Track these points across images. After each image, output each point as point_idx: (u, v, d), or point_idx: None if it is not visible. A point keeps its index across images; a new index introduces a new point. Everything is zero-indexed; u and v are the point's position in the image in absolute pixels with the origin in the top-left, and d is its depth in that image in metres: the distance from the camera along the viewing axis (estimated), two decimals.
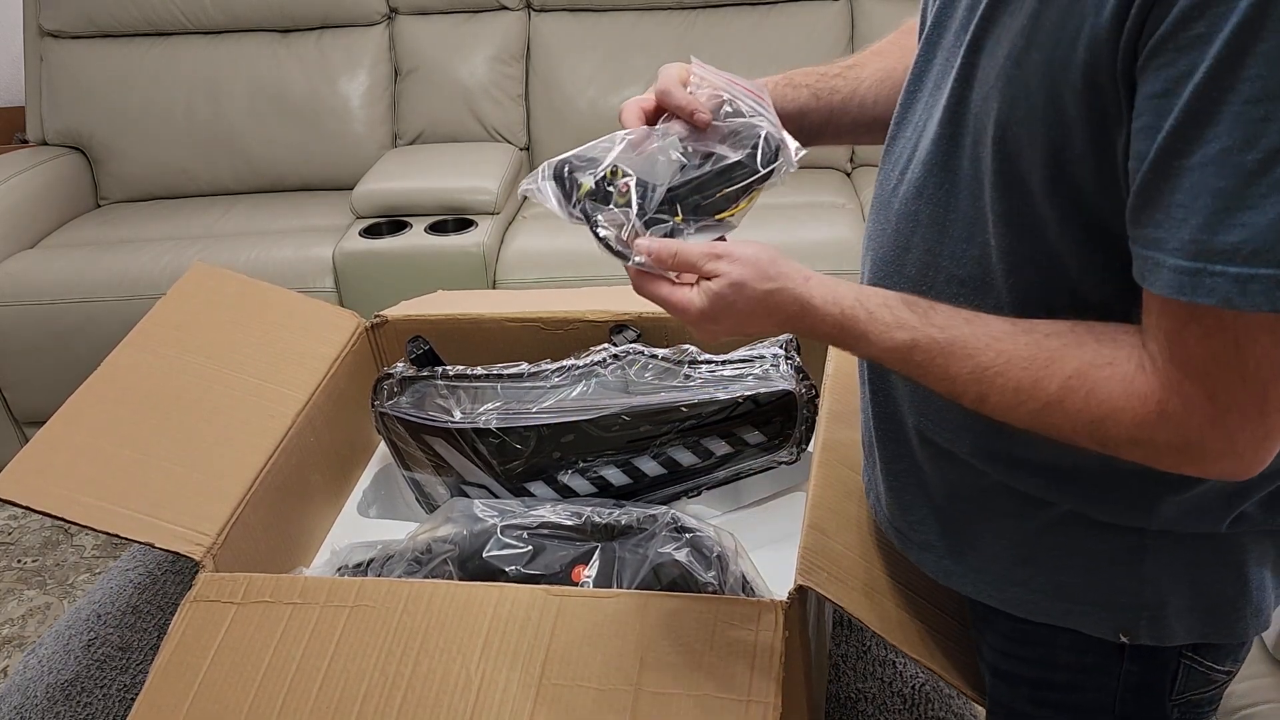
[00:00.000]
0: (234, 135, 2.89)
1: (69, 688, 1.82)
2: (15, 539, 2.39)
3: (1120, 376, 0.70)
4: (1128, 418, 0.70)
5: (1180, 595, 0.84)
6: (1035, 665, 0.92)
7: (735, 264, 0.83)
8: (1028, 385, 0.73)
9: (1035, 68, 0.69)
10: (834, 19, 2.85)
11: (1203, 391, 0.67)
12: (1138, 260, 0.67)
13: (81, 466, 1.24)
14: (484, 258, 2.42)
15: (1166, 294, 0.65)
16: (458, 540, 1.25)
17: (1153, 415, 0.69)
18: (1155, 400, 0.69)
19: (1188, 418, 0.68)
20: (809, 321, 0.82)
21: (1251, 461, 0.69)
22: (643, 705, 0.96)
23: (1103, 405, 0.71)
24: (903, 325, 0.79)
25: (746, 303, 0.82)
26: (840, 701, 1.70)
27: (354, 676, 1.03)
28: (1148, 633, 0.85)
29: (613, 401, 1.33)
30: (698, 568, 1.16)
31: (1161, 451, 0.70)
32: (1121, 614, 0.85)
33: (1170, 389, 0.68)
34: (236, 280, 1.56)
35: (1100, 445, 0.72)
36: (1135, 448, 0.71)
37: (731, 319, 0.84)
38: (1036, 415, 0.74)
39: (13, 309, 2.45)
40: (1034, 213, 0.73)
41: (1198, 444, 0.68)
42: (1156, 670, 0.88)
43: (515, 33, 2.93)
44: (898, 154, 0.87)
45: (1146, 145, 0.64)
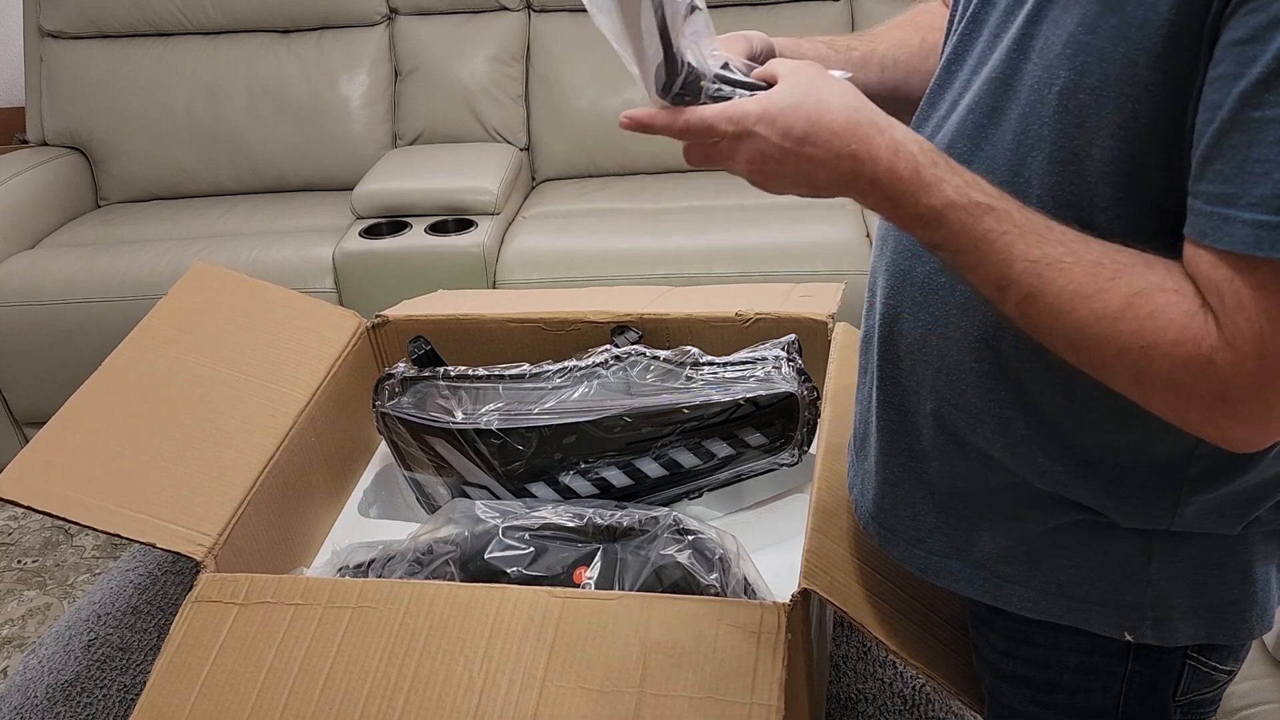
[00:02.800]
0: (234, 135, 2.88)
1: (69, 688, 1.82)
2: (15, 539, 2.39)
3: (1186, 308, 0.67)
4: (1179, 353, 0.66)
5: (1186, 596, 0.84)
6: (1039, 666, 0.92)
7: (790, 83, 0.76)
8: (1089, 290, 0.69)
9: (1111, 33, 0.67)
10: (834, 19, 2.85)
11: (1254, 352, 0.64)
12: (1200, 218, 0.65)
13: (82, 466, 1.24)
14: (484, 258, 2.42)
15: (1241, 249, 0.62)
16: (459, 541, 1.25)
17: (1201, 360, 0.66)
18: (1209, 345, 0.65)
19: (1234, 375, 0.65)
20: (878, 153, 0.73)
21: (1266, 436, 0.68)
22: (645, 707, 0.96)
23: (1158, 332, 0.67)
24: (982, 189, 0.72)
25: (809, 114, 0.73)
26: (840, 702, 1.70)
27: (356, 678, 1.03)
28: (1153, 632, 0.85)
29: (614, 403, 1.33)
30: (700, 569, 1.16)
31: (1193, 402, 0.67)
32: (1127, 613, 0.85)
33: (1226, 341, 0.65)
34: (237, 280, 1.56)
35: (1135, 379, 0.69)
36: (1169, 391, 0.68)
37: (783, 134, 0.74)
38: (1085, 328, 0.69)
39: (13, 309, 2.44)
40: (1086, 189, 0.72)
41: (1232, 405, 0.66)
42: (1161, 670, 0.88)
43: (515, 33, 2.93)
44: (930, 132, 0.85)
45: (1222, 95, 0.62)
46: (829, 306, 1.50)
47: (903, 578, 1.11)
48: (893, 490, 0.96)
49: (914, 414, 0.91)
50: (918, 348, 0.87)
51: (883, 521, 0.98)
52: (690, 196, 2.71)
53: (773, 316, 1.47)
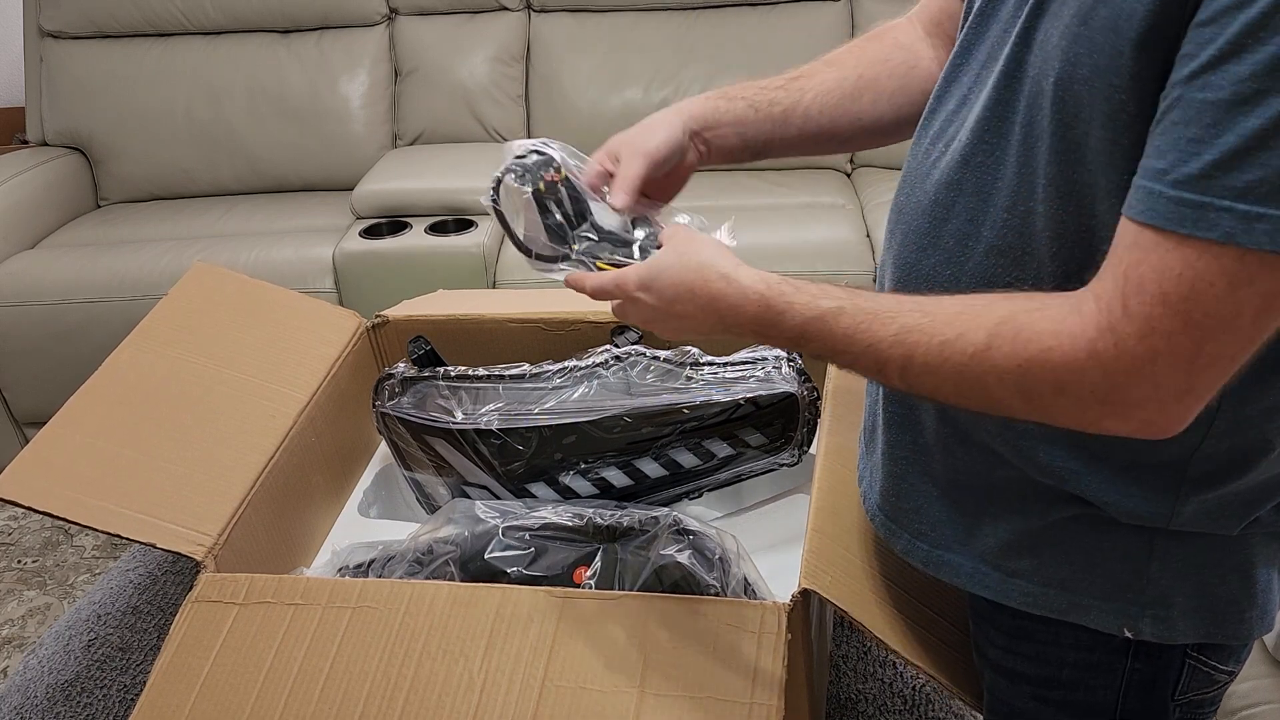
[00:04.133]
0: (234, 135, 2.89)
1: (69, 688, 1.82)
2: (15, 539, 2.39)
3: (1051, 316, 0.70)
4: (1056, 358, 0.69)
5: (1185, 594, 0.84)
6: (1038, 663, 0.92)
7: (665, 250, 0.90)
8: (952, 338, 0.73)
9: (1101, 24, 0.68)
10: (834, 19, 2.85)
11: (1138, 332, 0.66)
12: (1133, 191, 0.66)
13: (83, 467, 1.24)
14: (484, 258, 2.42)
15: (1159, 224, 0.64)
16: (459, 541, 1.25)
17: (1082, 355, 0.68)
18: (1086, 339, 0.68)
19: (1117, 359, 0.67)
20: (731, 300, 0.84)
21: (1172, 417, 0.69)
22: (646, 707, 0.96)
23: (1030, 346, 0.70)
24: (829, 295, 0.80)
25: (672, 279, 0.87)
26: (841, 702, 1.70)
27: (356, 678, 1.03)
28: (1151, 629, 0.85)
29: (614, 403, 1.33)
30: (700, 570, 1.16)
31: (1086, 400, 0.69)
32: (1126, 609, 0.85)
33: (1104, 328, 0.67)
34: (237, 280, 1.56)
35: (1027, 400, 0.71)
36: (1061, 396, 0.70)
37: (657, 297, 0.88)
38: (962, 371, 0.73)
39: (13, 309, 2.44)
40: (1087, 179, 0.73)
41: (1122, 389, 0.68)
42: (1161, 669, 0.88)
43: (515, 33, 2.93)
44: (940, 126, 0.87)
45: (1178, 74, 0.63)
46: None
47: (904, 578, 1.11)
48: (898, 483, 0.96)
49: (918, 406, 0.92)
50: None
51: (889, 513, 0.98)
52: (690, 197, 2.71)
53: None
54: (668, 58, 2.88)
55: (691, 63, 2.86)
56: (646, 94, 2.86)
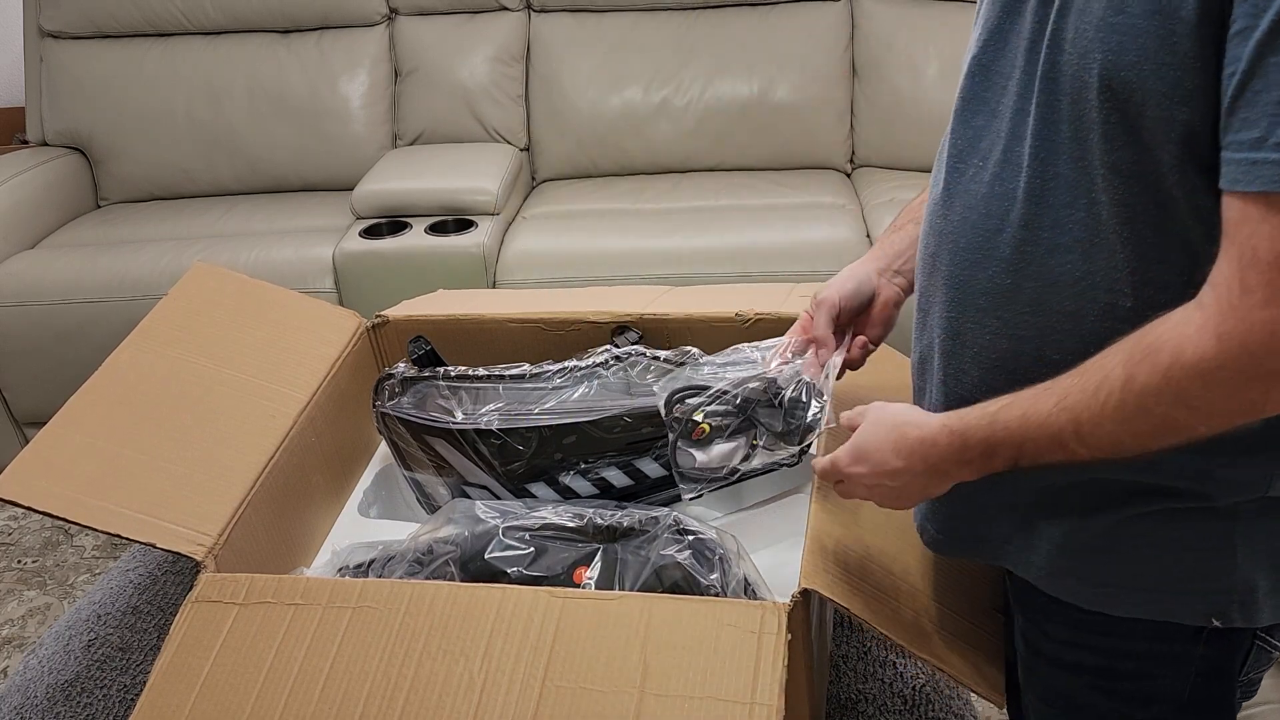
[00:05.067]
0: (234, 135, 2.89)
1: (69, 688, 1.82)
2: (15, 539, 2.39)
3: (1173, 322, 0.72)
4: (1190, 356, 0.70)
5: (1267, 575, 0.85)
6: (1105, 654, 0.92)
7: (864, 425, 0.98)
8: (1101, 381, 0.75)
9: (1141, 10, 0.71)
10: (834, 19, 2.85)
11: (1261, 301, 0.67)
12: (1230, 167, 0.68)
13: (83, 467, 1.24)
14: (484, 258, 2.42)
15: (1268, 188, 0.65)
16: (459, 541, 1.25)
17: (1211, 343, 0.69)
18: (1211, 327, 0.69)
19: (1248, 333, 0.68)
20: (927, 443, 0.90)
21: None
22: (646, 707, 0.96)
23: (1163, 354, 0.72)
24: (995, 401, 0.85)
25: (876, 444, 0.94)
26: (841, 702, 1.70)
27: (356, 678, 1.03)
28: (1240, 615, 0.86)
29: (614, 403, 1.33)
30: (700, 570, 1.16)
31: (1239, 384, 0.70)
32: (1214, 599, 0.86)
33: (1226, 310, 0.68)
34: (237, 280, 1.56)
35: (1189, 407, 0.72)
36: (1212, 390, 0.71)
37: (869, 465, 0.95)
38: (1123, 409, 0.74)
39: (13, 309, 2.44)
40: (1148, 159, 0.74)
41: (1263, 360, 0.68)
42: (1231, 653, 0.89)
43: (515, 33, 2.93)
44: (968, 143, 0.88)
45: (1240, 48, 0.65)
46: None
47: (905, 575, 1.11)
48: (966, 503, 0.96)
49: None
50: (987, 355, 0.89)
51: (950, 532, 0.99)
52: (690, 196, 2.72)
53: (773, 316, 1.47)
54: (668, 58, 2.88)
55: (691, 63, 2.86)
56: (646, 94, 2.86)
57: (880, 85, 2.82)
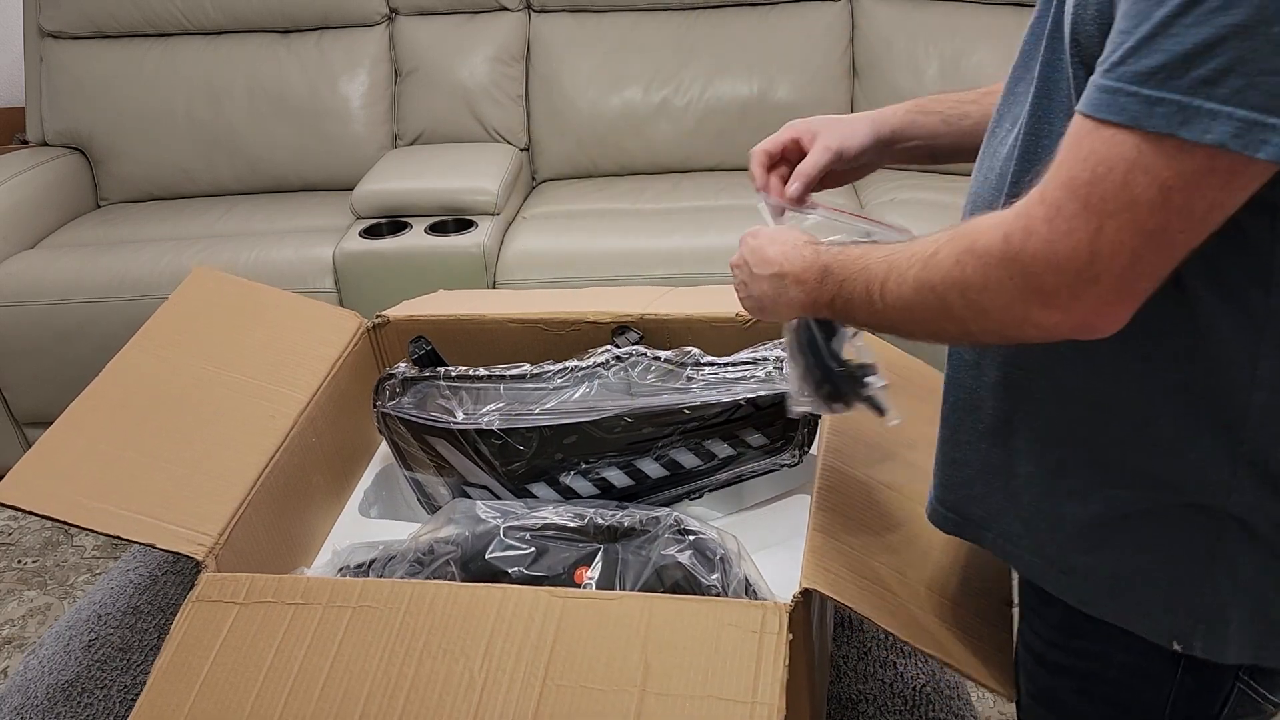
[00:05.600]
0: (234, 135, 2.89)
1: (69, 688, 1.82)
2: (15, 540, 2.39)
3: (989, 219, 0.74)
4: (980, 246, 0.73)
5: (1243, 608, 0.82)
6: (1086, 659, 0.91)
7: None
8: (919, 247, 0.79)
9: None
10: (834, 19, 2.85)
11: (1044, 215, 0.68)
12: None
13: (84, 470, 1.24)
14: (484, 258, 2.42)
15: (1085, 110, 0.67)
16: (460, 541, 1.25)
17: (998, 241, 0.71)
18: (1004, 227, 0.71)
19: (1025, 242, 0.69)
20: (799, 249, 0.94)
21: (1089, 309, 0.70)
22: (647, 708, 0.96)
23: (962, 241, 0.74)
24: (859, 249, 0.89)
25: (772, 233, 0.99)
26: (841, 703, 1.70)
27: (356, 678, 1.03)
28: (1202, 644, 0.83)
29: (615, 403, 1.33)
30: (701, 570, 1.16)
31: (1008, 289, 0.71)
32: (1180, 619, 0.84)
33: (1020, 214, 0.70)
34: (237, 284, 1.56)
35: (964, 293, 0.74)
36: (988, 289, 0.73)
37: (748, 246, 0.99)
38: (919, 279, 0.77)
39: (13, 309, 2.44)
40: None
41: (1034, 275, 0.70)
42: (1210, 688, 0.86)
43: (515, 33, 2.93)
44: (1006, 106, 0.89)
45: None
46: None
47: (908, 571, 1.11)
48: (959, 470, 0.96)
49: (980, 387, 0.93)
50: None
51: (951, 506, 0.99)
52: (690, 196, 2.71)
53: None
54: (668, 58, 2.88)
55: (691, 63, 2.86)
56: (646, 94, 2.86)
57: (880, 85, 2.82)
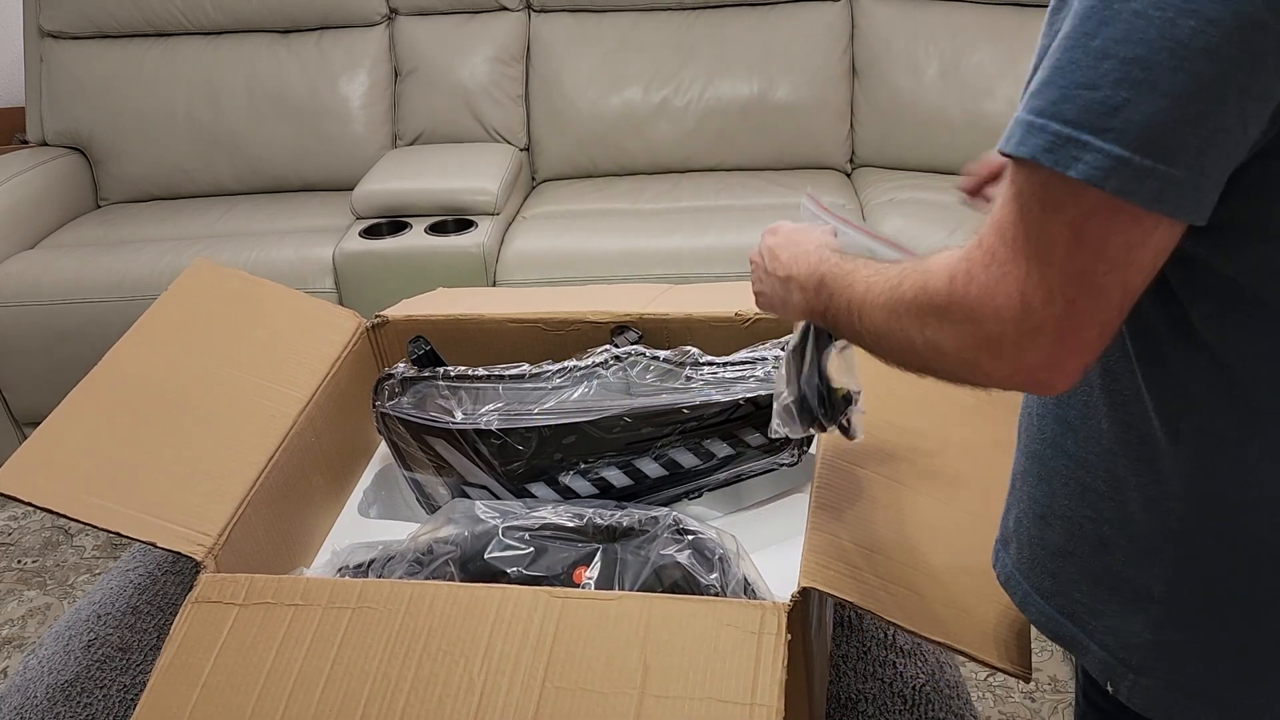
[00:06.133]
0: (234, 135, 2.89)
1: (69, 688, 1.82)
2: (15, 539, 2.39)
3: (943, 256, 0.72)
4: (932, 286, 0.71)
5: (1167, 671, 0.81)
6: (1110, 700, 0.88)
7: None
8: (893, 274, 0.78)
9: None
10: (834, 19, 2.85)
11: (981, 260, 0.67)
12: None
13: (82, 464, 1.24)
14: (484, 258, 2.42)
15: (1001, 146, 0.66)
16: (459, 541, 1.25)
17: (944, 282, 0.70)
18: (948, 270, 0.70)
19: (967, 286, 0.68)
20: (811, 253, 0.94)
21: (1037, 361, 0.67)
22: (646, 708, 0.96)
23: (922, 275, 0.73)
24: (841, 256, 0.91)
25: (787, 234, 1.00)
26: (841, 702, 1.70)
27: (356, 679, 1.03)
28: (1128, 695, 0.83)
29: (614, 403, 1.33)
30: (699, 569, 1.16)
31: (959, 334, 0.70)
32: (1115, 667, 0.83)
33: (963, 256, 0.69)
34: (238, 278, 1.56)
35: (922, 329, 0.73)
36: (942, 329, 0.71)
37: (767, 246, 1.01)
38: (886, 308, 0.77)
39: (13, 309, 2.44)
40: None
41: (977, 320, 0.68)
42: None
43: (515, 33, 2.93)
44: None
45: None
46: None
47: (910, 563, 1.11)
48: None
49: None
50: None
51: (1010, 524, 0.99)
52: (690, 196, 2.72)
53: (772, 316, 1.47)
54: (668, 58, 2.88)
55: (691, 63, 2.86)
56: (646, 94, 2.86)
57: (880, 85, 2.82)
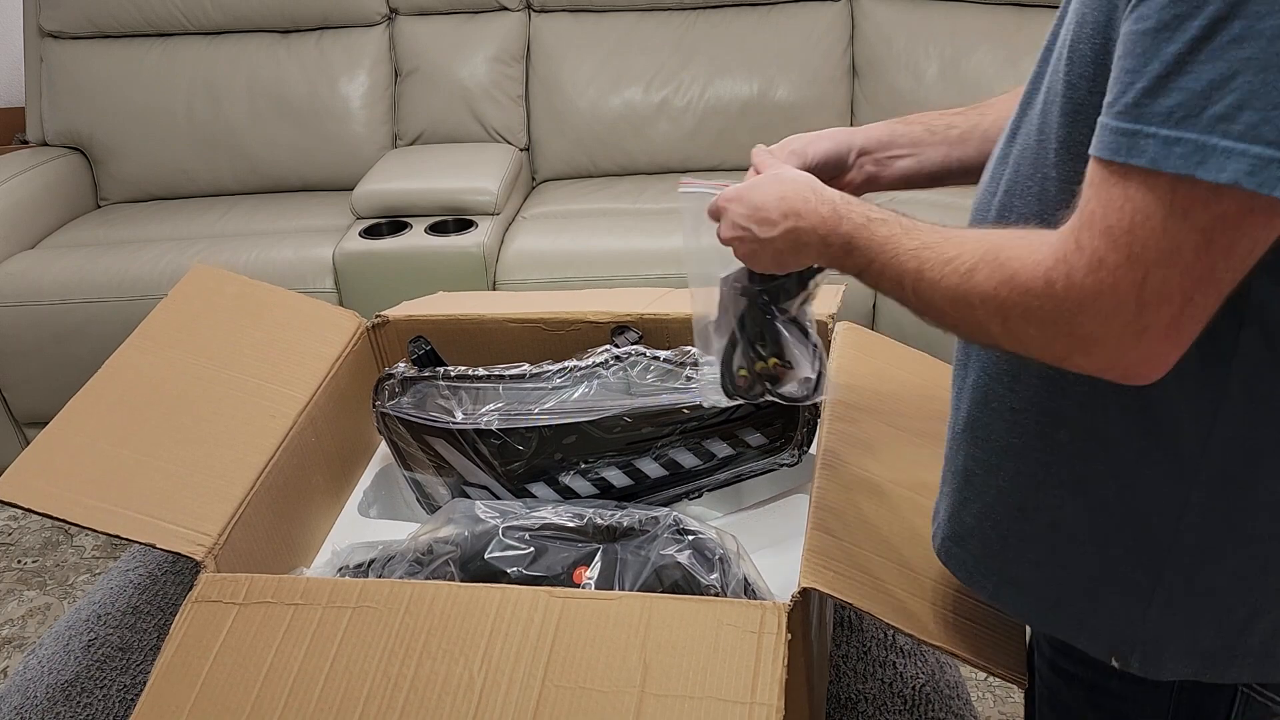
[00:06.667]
0: (234, 136, 2.89)
1: (69, 688, 1.82)
2: (15, 540, 2.39)
3: (1027, 244, 0.72)
4: (1021, 282, 0.71)
5: (1179, 640, 0.83)
6: (1089, 668, 0.91)
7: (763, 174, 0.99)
8: (953, 256, 0.77)
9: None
10: (834, 19, 2.85)
11: (1086, 265, 0.67)
12: (1095, 131, 0.68)
13: (83, 468, 1.24)
14: (484, 258, 2.42)
15: (1103, 155, 0.66)
16: (459, 541, 1.25)
17: (1040, 282, 0.70)
18: (1044, 268, 0.70)
19: (1068, 290, 0.68)
20: (812, 204, 0.91)
21: (1135, 357, 0.68)
22: (646, 708, 0.96)
23: (1003, 270, 0.73)
24: (882, 210, 0.87)
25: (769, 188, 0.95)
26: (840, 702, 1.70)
27: (356, 678, 1.03)
28: (1139, 665, 0.84)
29: (614, 403, 1.33)
30: (699, 570, 1.16)
31: (1049, 330, 0.71)
32: (1118, 643, 0.84)
33: (1059, 258, 0.69)
34: (237, 281, 1.56)
35: (1004, 324, 0.73)
36: (1028, 323, 0.72)
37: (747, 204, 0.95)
38: (954, 292, 0.76)
39: (13, 309, 2.44)
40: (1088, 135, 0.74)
41: (1076, 322, 0.69)
42: (1212, 698, 0.86)
43: (515, 33, 2.93)
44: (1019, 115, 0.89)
45: (1125, 12, 0.66)
46: (830, 307, 1.50)
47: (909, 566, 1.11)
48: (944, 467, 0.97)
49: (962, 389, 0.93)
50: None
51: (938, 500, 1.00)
52: None
53: None
54: (668, 58, 2.88)
55: (691, 63, 2.86)
56: (646, 94, 2.86)
57: (880, 85, 2.82)
